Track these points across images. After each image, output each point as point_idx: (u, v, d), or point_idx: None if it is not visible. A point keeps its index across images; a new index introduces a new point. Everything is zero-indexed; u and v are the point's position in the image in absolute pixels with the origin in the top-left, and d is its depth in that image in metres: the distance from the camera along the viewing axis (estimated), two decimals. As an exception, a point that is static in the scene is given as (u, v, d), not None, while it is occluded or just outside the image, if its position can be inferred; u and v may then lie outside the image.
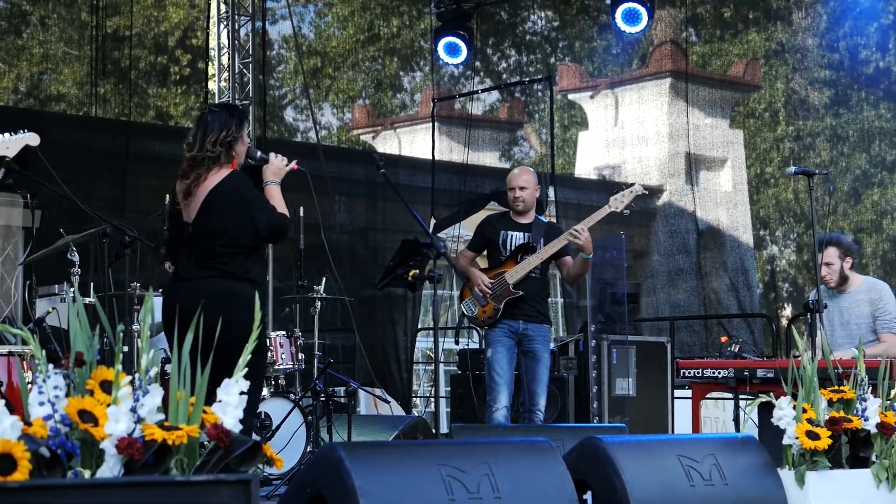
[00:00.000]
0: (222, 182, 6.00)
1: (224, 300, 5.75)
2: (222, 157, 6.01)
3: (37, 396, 3.32)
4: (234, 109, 6.40)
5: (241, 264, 5.98)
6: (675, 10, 13.96)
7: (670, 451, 4.81)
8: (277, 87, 17.31)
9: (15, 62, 12.28)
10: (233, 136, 6.01)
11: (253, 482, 3.05)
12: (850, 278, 8.14)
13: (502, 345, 8.03)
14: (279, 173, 6.11)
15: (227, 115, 6.13)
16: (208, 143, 5.98)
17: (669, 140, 15.11)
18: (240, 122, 6.11)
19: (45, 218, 10.00)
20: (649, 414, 9.95)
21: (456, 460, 4.11)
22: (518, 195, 8.16)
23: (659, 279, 13.94)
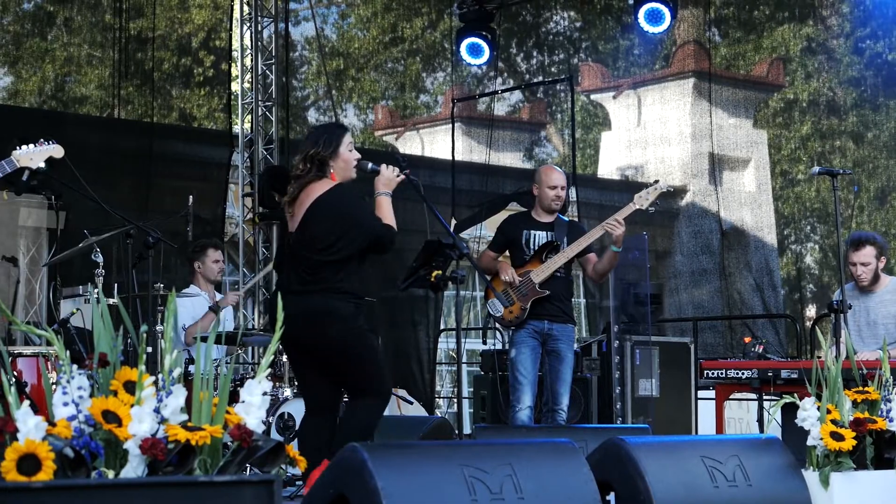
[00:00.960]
0: (323, 194, 6.20)
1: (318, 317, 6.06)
2: (313, 173, 6.22)
3: (61, 397, 3.33)
4: (330, 127, 6.62)
5: (339, 277, 6.14)
6: (698, 10, 13.92)
7: (694, 452, 4.79)
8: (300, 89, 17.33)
9: (40, 64, 12.34)
10: (323, 153, 6.21)
11: (276, 483, 3.05)
12: (881, 278, 8.12)
13: (526, 345, 8.03)
14: (390, 184, 6.29)
15: (319, 133, 6.41)
16: (299, 160, 6.29)
17: (692, 140, 15.06)
18: (332, 139, 6.29)
19: (70, 219, 10.04)
20: (673, 415, 9.92)
21: (479, 461, 4.11)
22: (560, 194, 8.16)
23: (682, 279, 13.90)
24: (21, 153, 5.65)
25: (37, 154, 5.72)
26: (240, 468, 3.47)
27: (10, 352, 7.51)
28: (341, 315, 6.16)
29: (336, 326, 6.11)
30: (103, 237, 7.86)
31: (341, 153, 6.27)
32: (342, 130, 6.46)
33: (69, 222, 10.01)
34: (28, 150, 5.67)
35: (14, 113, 12.27)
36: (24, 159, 5.66)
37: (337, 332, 6.15)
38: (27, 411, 3.20)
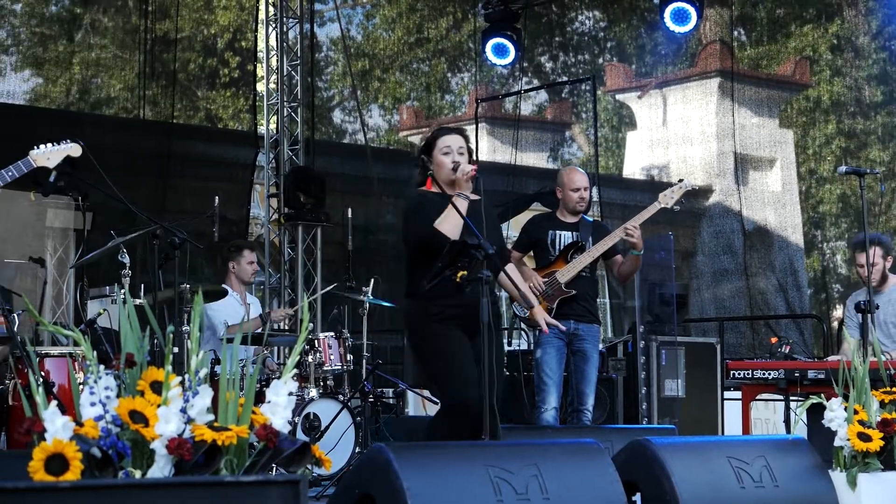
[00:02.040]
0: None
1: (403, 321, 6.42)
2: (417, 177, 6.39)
3: (88, 397, 3.34)
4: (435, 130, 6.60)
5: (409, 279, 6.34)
6: (723, 10, 13.88)
7: (720, 453, 4.78)
8: (326, 90, 17.36)
9: (66, 66, 12.39)
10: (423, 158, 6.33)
11: (302, 483, 3.06)
12: (888, 278, 8.14)
13: (552, 345, 8.01)
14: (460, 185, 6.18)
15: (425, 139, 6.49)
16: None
17: (717, 140, 15.02)
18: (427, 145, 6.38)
19: (96, 220, 10.07)
20: (699, 415, 9.89)
21: (504, 461, 4.11)
22: (584, 196, 8.15)
23: (703, 280, 13.86)
24: (38, 153, 5.64)
25: (54, 153, 5.71)
26: (266, 468, 3.48)
27: (38, 352, 7.54)
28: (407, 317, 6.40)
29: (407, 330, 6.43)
30: (130, 238, 7.88)
31: (434, 156, 6.31)
32: (440, 132, 6.43)
33: (96, 223, 10.03)
34: (45, 149, 5.67)
35: (40, 114, 12.33)
36: (41, 159, 5.66)
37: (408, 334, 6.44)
38: (55, 411, 3.21)
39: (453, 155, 6.26)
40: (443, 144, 6.28)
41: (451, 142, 6.30)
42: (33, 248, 10.86)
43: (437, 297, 6.10)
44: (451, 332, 6.15)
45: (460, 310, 6.06)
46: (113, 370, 3.44)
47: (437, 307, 6.15)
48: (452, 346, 6.15)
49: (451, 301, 6.07)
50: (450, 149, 6.27)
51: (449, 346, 6.17)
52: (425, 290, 6.08)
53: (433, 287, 6.20)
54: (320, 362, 8.88)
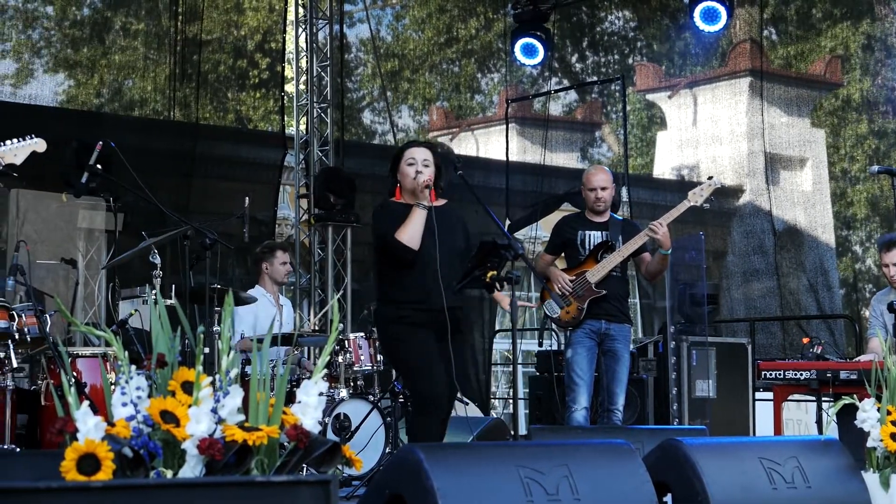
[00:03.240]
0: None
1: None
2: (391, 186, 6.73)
3: (120, 397, 3.35)
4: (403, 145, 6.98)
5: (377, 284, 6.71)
6: (754, 9, 13.83)
7: (752, 454, 4.76)
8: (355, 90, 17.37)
9: (97, 68, 12.45)
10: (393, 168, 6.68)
11: (332, 483, 3.06)
12: None
13: (583, 346, 8.01)
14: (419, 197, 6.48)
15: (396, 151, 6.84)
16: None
17: (747, 139, 14.96)
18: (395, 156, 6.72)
19: (127, 221, 10.12)
20: (730, 416, 9.86)
21: (535, 462, 4.11)
22: (600, 195, 8.13)
23: (734, 280, 13.81)
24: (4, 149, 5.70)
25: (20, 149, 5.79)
26: (296, 468, 3.48)
27: (70, 352, 7.58)
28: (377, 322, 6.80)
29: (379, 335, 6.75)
30: (160, 239, 7.91)
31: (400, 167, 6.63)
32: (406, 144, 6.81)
33: (127, 224, 10.08)
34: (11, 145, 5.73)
35: (70, 116, 12.38)
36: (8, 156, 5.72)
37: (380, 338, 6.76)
38: (87, 411, 3.23)
39: (417, 166, 6.58)
40: (408, 156, 6.62)
41: (416, 154, 6.63)
42: (65, 249, 10.91)
43: (405, 302, 6.43)
44: (418, 335, 6.42)
45: (427, 314, 6.35)
46: (144, 370, 3.46)
47: (405, 311, 6.44)
48: (420, 347, 6.42)
49: (420, 306, 6.36)
50: (414, 160, 6.60)
51: (416, 348, 6.44)
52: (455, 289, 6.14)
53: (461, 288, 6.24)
54: (350, 363, 8.90)
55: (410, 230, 6.39)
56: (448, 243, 6.45)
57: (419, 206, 6.40)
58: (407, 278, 6.44)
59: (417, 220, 6.39)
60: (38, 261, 10.45)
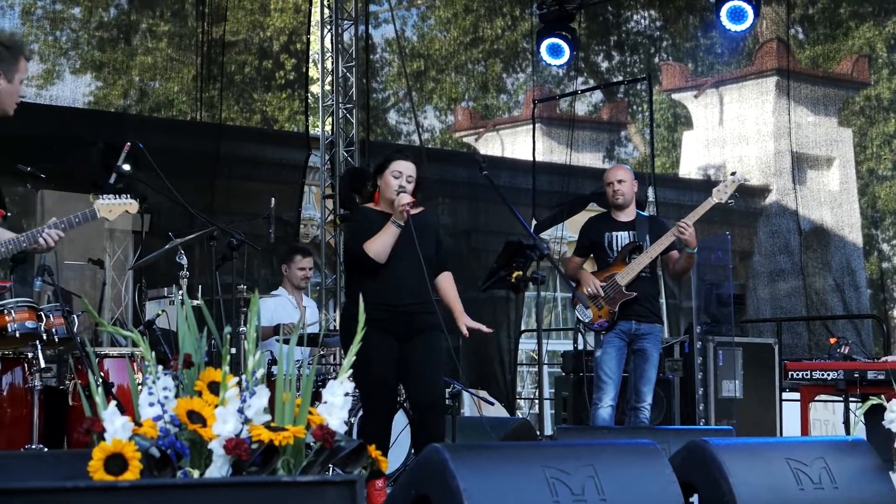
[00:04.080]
0: None
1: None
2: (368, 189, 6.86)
3: (147, 397, 3.37)
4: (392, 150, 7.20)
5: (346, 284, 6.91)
6: (780, 7, 13.77)
7: (779, 454, 4.74)
8: (381, 91, 17.40)
9: (124, 70, 12.50)
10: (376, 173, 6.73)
11: (358, 483, 3.06)
12: None
13: (612, 345, 8.05)
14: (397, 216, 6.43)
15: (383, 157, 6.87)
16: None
17: (773, 139, 14.90)
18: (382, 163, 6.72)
19: (154, 222, 10.15)
20: (757, 416, 9.82)
21: (560, 462, 4.10)
22: (617, 188, 8.18)
23: (760, 280, 13.76)
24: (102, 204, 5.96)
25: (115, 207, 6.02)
26: (322, 468, 3.49)
27: (98, 353, 7.61)
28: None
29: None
30: (187, 239, 7.94)
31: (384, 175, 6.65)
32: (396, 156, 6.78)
33: (154, 225, 10.12)
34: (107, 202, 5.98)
35: (98, 117, 12.43)
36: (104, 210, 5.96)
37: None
38: (114, 411, 3.24)
39: (402, 180, 6.56)
40: (395, 168, 6.62)
41: (404, 168, 6.62)
42: (92, 249, 10.96)
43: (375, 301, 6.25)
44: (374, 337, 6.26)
45: (387, 313, 6.33)
46: (171, 370, 3.47)
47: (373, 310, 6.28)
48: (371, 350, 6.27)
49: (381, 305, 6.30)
50: (400, 174, 6.59)
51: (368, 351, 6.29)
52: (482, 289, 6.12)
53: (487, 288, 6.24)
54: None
55: (380, 245, 6.39)
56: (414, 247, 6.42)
57: (394, 224, 6.39)
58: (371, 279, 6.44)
59: (389, 237, 6.39)
60: (65, 261, 10.50)
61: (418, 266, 6.39)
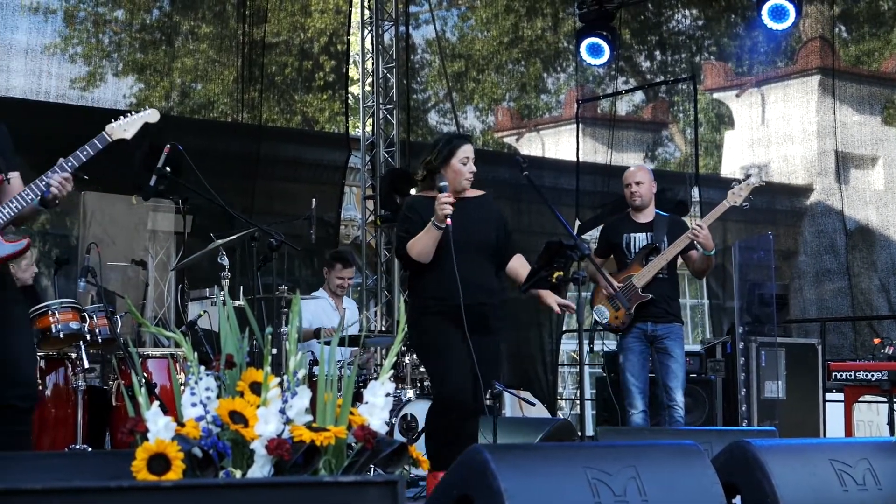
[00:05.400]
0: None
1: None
2: (426, 179, 6.42)
3: (189, 398, 3.38)
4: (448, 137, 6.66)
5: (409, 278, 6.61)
6: (823, 6, 13.68)
7: (822, 456, 4.71)
8: (421, 91, 17.40)
9: (166, 71, 12.57)
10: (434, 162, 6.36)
11: (399, 483, 3.06)
12: None
13: (633, 351, 8.09)
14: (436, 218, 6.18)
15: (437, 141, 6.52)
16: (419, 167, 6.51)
17: (817, 138, 14.80)
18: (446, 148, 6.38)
19: (196, 223, 10.20)
20: (800, 417, 9.76)
21: (602, 463, 4.09)
22: (634, 190, 8.24)
23: (806, 280, 13.67)
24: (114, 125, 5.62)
25: (130, 124, 5.68)
26: (363, 469, 3.49)
27: (141, 353, 7.66)
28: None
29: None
30: (229, 240, 7.98)
31: (452, 164, 6.34)
32: (460, 141, 6.46)
33: (195, 226, 10.17)
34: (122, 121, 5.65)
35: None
36: (118, 131, 5.63)
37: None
38: (157, 412, 3.26)
39: (470, 165, 6.38)
40: (463, 154, 6.38)
41: (469, 152, 6.42)
42: (135, 250, 11.03)
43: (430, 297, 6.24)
44: (444, 329, 6.20)
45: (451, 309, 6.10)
46: (213, 371, 3.48)
47: (427, 303, 6.27)
48: (443, 341, 6.21)
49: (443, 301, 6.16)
50: (468, 159, 6.38)
51: (440, 342, 6.24)
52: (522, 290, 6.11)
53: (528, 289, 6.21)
54: (417, 363, 8.91)
55: (421, 246, 6.21)
56: (478, 236, 6.31)
57: (434, 226, 6.14)
58: (429, 274, 6.27)
59: (430, 238, 6.17)
60: (108, 262, 10.57)
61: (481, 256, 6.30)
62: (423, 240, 6.21)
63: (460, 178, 6.34)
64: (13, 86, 10.65)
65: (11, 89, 10.60)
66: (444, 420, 6.20)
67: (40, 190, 5.24)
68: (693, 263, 8.17)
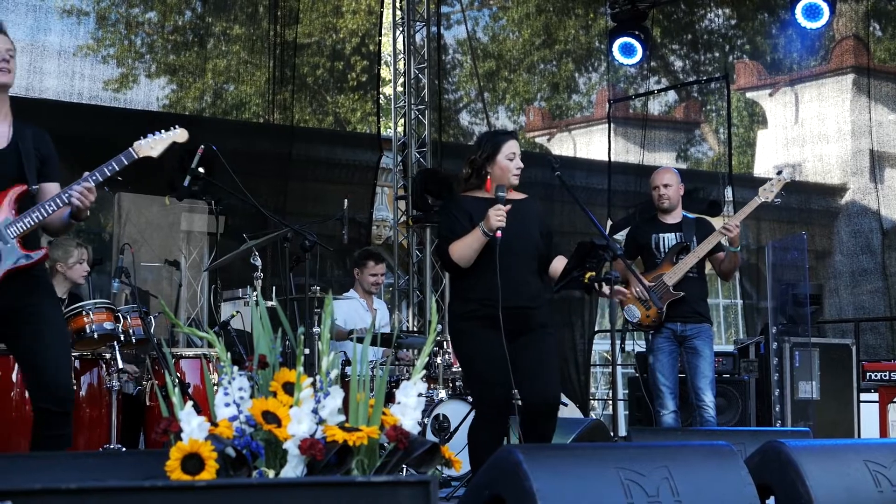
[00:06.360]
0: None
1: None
2: (472, 177, 6.33)
3: (222, 398, 3.39)
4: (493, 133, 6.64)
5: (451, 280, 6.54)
6: (857, 4, 13.60)
7: (856, 456, 4.68)
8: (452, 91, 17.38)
9: (199, 73, 12.61)
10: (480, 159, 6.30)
11: (432, 483, 3.06)
12: None
13: (663, 351, 8.08)
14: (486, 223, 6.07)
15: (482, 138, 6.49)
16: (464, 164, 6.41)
17: (852, 137, 14.71)
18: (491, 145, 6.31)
19: (229, 224, 10.24)
20: (834, 418, 9.71)
21: (635, 463, 4.08)
22: (662, 192, 8.26)
23: (842, 280, 13.59)
24: (141, 143, 5.61)
25: (158, 142, 5.67)
26: (396, 469, 3.50)
27: (174, 353, 7.70)
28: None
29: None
30: (261, 241, 8.01)
31: (498, 160, 6.26)
32: (505, 137, 6.38)
33: (228, 227, 10.21)
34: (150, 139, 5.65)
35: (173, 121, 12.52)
36: (145, 149, 5.63)
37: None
38: (190, 412, 3.27)
39: (517, 161, 6.31)
40: (508, 150, 6.30)
41: (515, 148, 6.34)
42: (168, 251, 11.08)
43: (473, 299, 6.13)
44: (480, 333, 6.09)
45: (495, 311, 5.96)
46: (246, 371, 3.49)
47: (471, 306, 6.16)
48: (478, 346, 6.10)
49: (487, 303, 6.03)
50: (514, 155, 6.31)
51: (474, 347, 6.13)
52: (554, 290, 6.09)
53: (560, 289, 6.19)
54: (449, 363, 8.91)
55: (464, 249, 6.10)
56: (523, 238, 6.22)
57: (482, 231, 6.04)
58: (473, 276, 6.15)
59: (475, 242, 6.07)
60: (142, 263, 10.63)
61: (526, 259, 6.20)
62: (467, 244, 6.11)
63: (507, 175, 6.26)
64: (46, 87, 10.72)
65: (45, 91, 10.67)
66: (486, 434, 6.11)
67: (62, 201, 5.27)
68: (720, 264, 8.16)
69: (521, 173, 6.35)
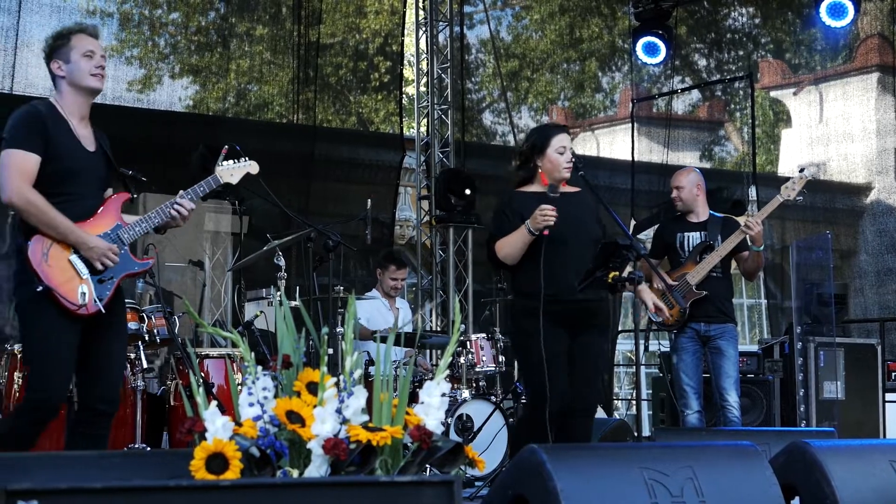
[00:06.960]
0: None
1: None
2: (521, 170, 6.35)
3: (246, 398, 3.40)
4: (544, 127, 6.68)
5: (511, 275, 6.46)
6: (882, 2, 13.54)
7: (882, 457, 4.66)
8: (475, 91, 17.39)
9: (222, 73, 12.64)
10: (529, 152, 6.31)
11: (455, 483, 3.07)
12: None
13: (687, 351, 8.05)
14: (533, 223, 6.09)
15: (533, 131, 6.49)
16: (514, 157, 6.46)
17: (877, 136, 14.65)
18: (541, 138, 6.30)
19: (252, 224, 10.26)
20: (859, 418, 9.67)
21: (659, 463, 4.07)
22: (675, 195, 8.27)
23: (867, 279, 13.54)
24: (222, 169, 5.88)
25: (236, 170, 5.94)
26: (420, 469, 3.50)
27: (198, 353, 7.72)
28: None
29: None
30: (285, 241, 8.02)
31: (548, 154, 6.27)
32: (555, 130, 6.37)
33: (252, 227, 10.23)
34: (228, 166, 5.91)
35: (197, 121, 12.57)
36: (226, 175, 5.89)
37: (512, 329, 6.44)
38: (215, 411, 3.28)
39: (567, 155, 6.26)
40: (559, 144, 6.27)
41: (566, 141, 6.30)
42: (192, 251, 11.11)
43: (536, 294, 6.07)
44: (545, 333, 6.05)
45: (560, 306, 6.03)
46: (270, 371, 3.50)
47: (535, 303, 6.11)
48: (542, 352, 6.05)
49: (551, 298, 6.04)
50: (564, 149, 6.27)
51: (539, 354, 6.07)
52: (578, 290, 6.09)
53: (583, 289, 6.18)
54: (472, 363, 8.91)
55: (510, 248, 6.17)
56: (582, 232, 6.24)
57: (527, 229, 6.08)
58: (535, 270, 6.11)
59: (520, 241, 6.12)
60: (166, 263, 10.67)
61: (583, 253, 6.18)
62: (512, 242, 6.16)
63: (558, 168, 6.25)
64: (70, 88, 10.74)
65: (69, 92, 10.69)
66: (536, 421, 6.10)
67: (165, 214, 5.46)
68: (744, 263, 8.14)
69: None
